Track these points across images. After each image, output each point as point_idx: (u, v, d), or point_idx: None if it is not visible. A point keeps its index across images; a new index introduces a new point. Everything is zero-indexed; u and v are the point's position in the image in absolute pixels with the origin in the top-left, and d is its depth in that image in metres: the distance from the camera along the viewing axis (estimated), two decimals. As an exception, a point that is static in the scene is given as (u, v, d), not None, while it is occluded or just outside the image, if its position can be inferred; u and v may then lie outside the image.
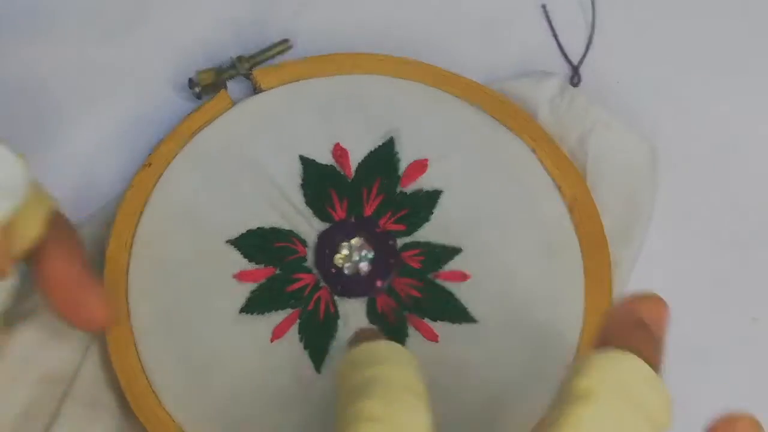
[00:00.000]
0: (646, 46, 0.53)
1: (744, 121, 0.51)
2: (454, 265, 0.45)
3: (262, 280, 0.44)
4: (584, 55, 0.52)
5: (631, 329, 0.35)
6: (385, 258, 0.45)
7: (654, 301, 0.36)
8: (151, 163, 0.46)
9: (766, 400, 0.46)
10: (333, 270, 0.45)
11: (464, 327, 0.44)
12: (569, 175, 0.47)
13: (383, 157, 0.47)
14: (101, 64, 0.51)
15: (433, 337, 0.44)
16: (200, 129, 0.47)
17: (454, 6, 0.53)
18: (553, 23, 0.52)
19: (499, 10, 0.53)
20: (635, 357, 0.33)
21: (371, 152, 0.47)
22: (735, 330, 0.47)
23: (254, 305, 0.44)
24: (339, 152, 0.47)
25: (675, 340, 0.47)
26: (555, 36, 0.52)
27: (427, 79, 0.49)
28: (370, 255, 0.45)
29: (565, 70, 0.52)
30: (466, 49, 0.51)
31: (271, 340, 0.43)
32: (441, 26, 0.52)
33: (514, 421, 0.43)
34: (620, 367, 0.33)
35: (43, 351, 0.42)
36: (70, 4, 0.52)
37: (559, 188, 0.47)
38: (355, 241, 0.45)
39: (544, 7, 0.53)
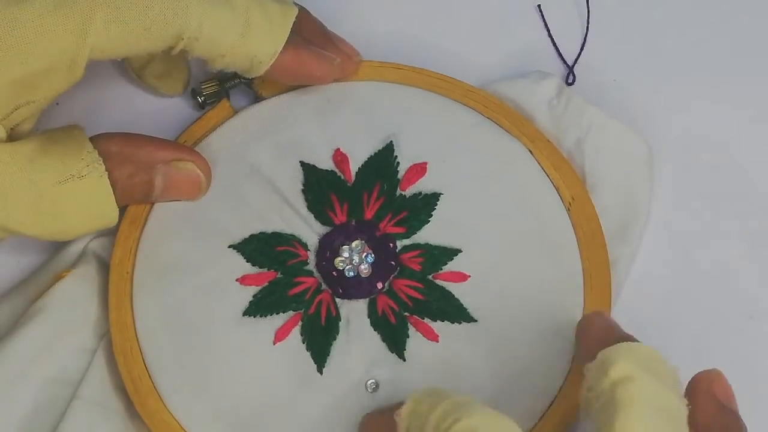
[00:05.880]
0: (641, 45, 0.53)
1: (740, 120, 0.52)
2: (453, 266, 0.46)
3: (265, 284, 0.45)
4: (579, 55, 0.52)
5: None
6: (386, 260, 0.46)
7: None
8: (155, 171, 0.47)
9: (763, 397, 0.46)
10: (334, 273, 0.45)
11: (464, 327, 0.45)
12: (567, 176, 0.48)
13: (383, 161, 0.47)
14: (105, 74, 0.52)
15: (433, 338, 0.44)
16: (203, 137, 0.48)
17: (450, 8, 0.53)
18: (549, 23, 0.53)
19: (494, 12, 0.53)
20: (646, 345, 0.36)
21: (371, 157, 0.48)
22: (732, 328, 0.48)
23: (257, 308, 0.44)
24: (339, 157, 0.47)
25: (672, 338, 0.47)
26: (550, 36, 0.53)
27: (424, 84, 0.49)
28: (371, 257, 0.46)
29: (560, 69, 0.52)
30: (463, 51, 0.52)
31: (274, 343, 0.44)
32: (437, 30, 0.53)
33: (515, 420, 0.44)
34: (641, 352, 0.36)
35: (50, 352, 0.43)
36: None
37: (557, 188, 0.48)
38: (355, 244, 0.46)
39: (539, 7, 0.53)
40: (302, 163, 0.47)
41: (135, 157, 0.44)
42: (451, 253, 0.46)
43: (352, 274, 0.45)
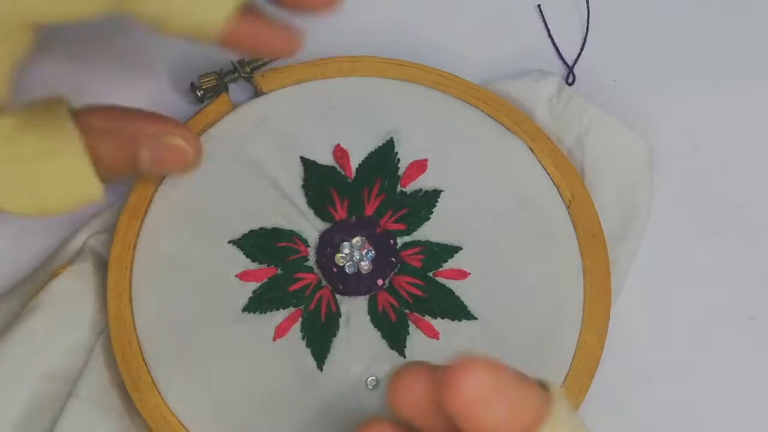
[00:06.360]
0: (641, 45, 0.53)
1: (741, 120, 0.52)
2: (454, 263, 0.46)
3: (265, 280, 0.45)
4: (579, 55, 0.52)
5: None
6: (386, 257, 0.46)
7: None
8: (154, 165, 0.47)
9: (763, 397, 0.46)
10: (334, 269, 0.45)
11: (464, 324, 0.45)
12: (567, 174, 0.48)
13: (383, 157, 0.47)
14: (103, 68, 0.51)
15: (433, 335, 0.44)
16: (202, 131, 0.48)
17: (451, 8, 0.53)
18: (549, 23, 0.53)
19: (494, 11, 0.53)
20: None
21: (371, 153, 0.47)
22: (732, 328, 0.48)
23: (256, 304, 0.44)
24: (340, 153, 0.47)
25: (672, 338, 0.47)
26: (550, 35, 0.53)
27: (426, 81, 0.49)
28: (371, 254, 0.46)
29: (560, 69, 0.52)
30: (463, 50, 0.52)
31: (274, 339, 0.44)
32: (437, 28, 0.53)
33: None
34: None
35: (46, 349, 0.43)
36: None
37: (558, 187, 0.48)
38: (356, 240, 0.46)
39: (539, 6, 0.53)
40: (302, 159, 0.47)
41: (119, 131, 0.42)
42: (452, 250, 0.46)
43: (352, 270, 0.45)
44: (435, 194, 0.47)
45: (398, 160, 0.47)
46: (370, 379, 0.43)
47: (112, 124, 0.42)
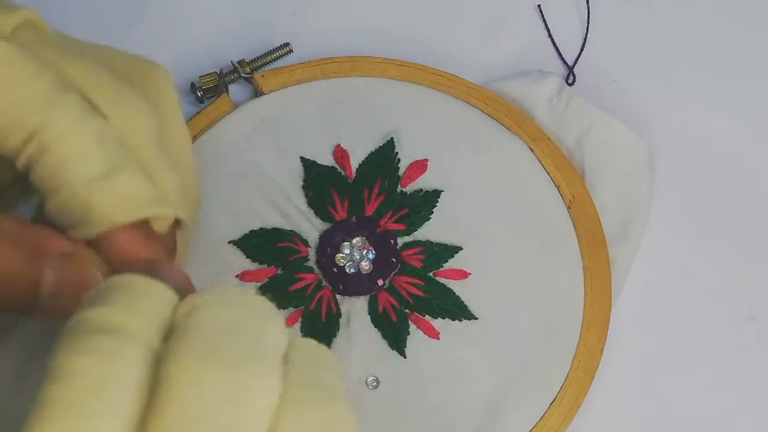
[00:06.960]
0: (641, 45, 0.53)
1: (740, 120, 0.52)
2: (454, 263, 0.46)
3: (265, 280, 0.45)
4: (579, 55, 0.52)
5: None
6: (386, 257, 0.46)
7: None
8: (154, 165, 0.47)
9: (763, 397, 0.46)
10: (335, 269, 0.45)
11: (465, 324, 0.45)
12: (567, 174, 0.48)
13: (383, 157, 0.47)
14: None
15: (434, 335, 0.44)
16: (202, 132, 0.48)
17: (451, 8, 0.53)
18: (549, 23, 0.53)
19: (494, 11, 0.53)
20: None
21: (372, 153, 0.47)
22: (732, 328, 0.48)
23: (257, 304, 0.44)
24: (340, 153, 0.47)
25: (672, 338, 0.47)
26: (550, 36, 0.53)
27: (426, 81, 0.49)
28: (372, 254, 0.46)
29: (560, 69, 0.52)
30: (463, 50, 0.52)
31: (274, 339, 0.44)
32: (438, 28, 0.53)
33: (515, 418, 0.44)
34: None
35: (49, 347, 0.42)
36: (70, 6, 0.52)
37: (558, 187, 0.48)
38: (356, 240, 0.46)
39: (539, 6, 0.53)
40: (302, 159, 0.47)
41: (20, 238, 0.30)
42: (452, 250, 0.46)
43: (352, 270, 0.45)
44: (435, 194, 0.47)
45: (398, 160, 0.47)
46: (370, 379, 0.43)
47: (12, 229, 0.30)
